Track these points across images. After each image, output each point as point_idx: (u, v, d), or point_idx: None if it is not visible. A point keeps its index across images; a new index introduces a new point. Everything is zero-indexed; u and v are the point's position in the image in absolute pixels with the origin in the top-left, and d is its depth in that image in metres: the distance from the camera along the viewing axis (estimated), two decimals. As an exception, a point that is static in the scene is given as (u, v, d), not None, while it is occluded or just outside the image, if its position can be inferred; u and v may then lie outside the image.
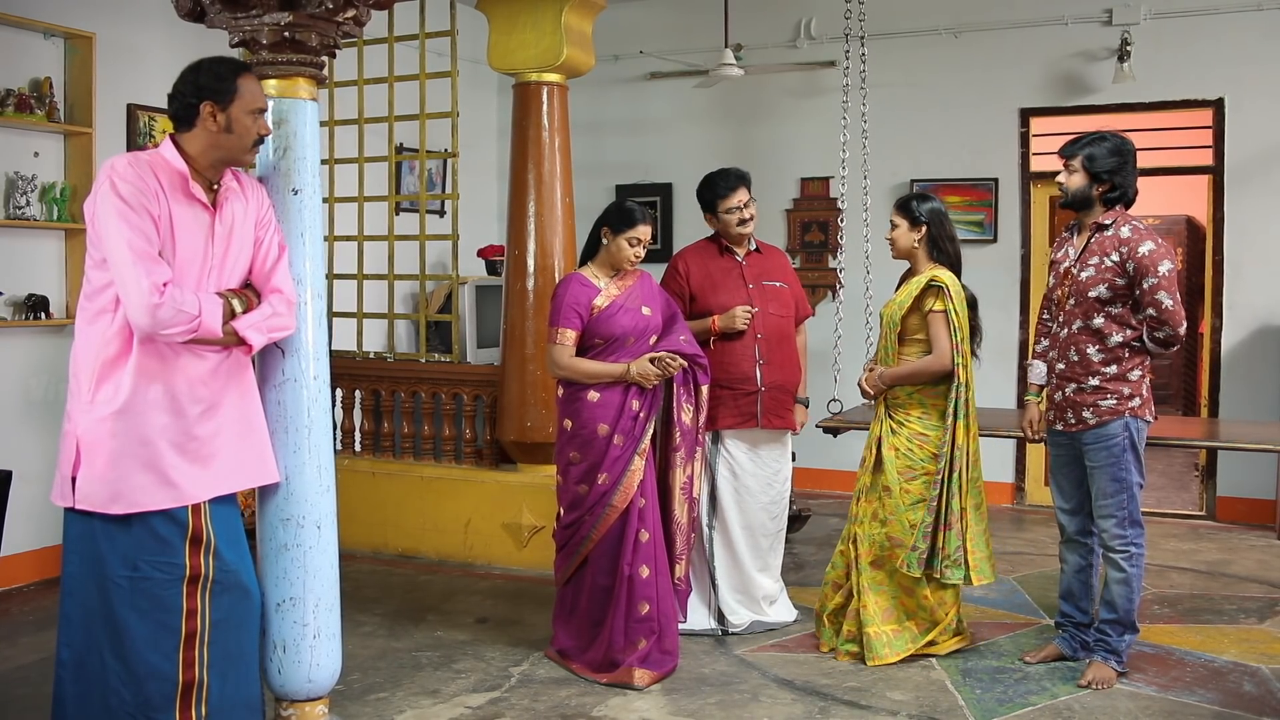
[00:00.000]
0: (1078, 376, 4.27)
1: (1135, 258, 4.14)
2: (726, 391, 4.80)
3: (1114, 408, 4.21)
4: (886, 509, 4.55)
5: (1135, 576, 4.26)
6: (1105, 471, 4.24)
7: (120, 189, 2.89)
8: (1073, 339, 4.29)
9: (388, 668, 4.50)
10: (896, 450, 4.57)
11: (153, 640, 2.97)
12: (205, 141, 3.05)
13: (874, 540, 4.58)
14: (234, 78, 3.06)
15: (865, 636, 4.50)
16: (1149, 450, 4.39)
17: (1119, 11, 7.12)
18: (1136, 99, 7.11)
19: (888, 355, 4.65)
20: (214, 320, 2.98)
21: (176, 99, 3.06)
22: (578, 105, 8.10)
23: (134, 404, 2.94)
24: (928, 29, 7.61)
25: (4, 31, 5.38)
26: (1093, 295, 4.22)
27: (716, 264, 4.95)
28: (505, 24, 5.82)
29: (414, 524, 6.24)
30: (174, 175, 3.02)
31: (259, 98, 3.12)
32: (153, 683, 2.97)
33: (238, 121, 3.06)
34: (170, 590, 2.99)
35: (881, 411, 4.66)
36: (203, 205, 3.07)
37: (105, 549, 2.95)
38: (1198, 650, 4.64)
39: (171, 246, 2.98)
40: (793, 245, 8.07)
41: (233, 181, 3.17)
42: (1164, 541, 6.55)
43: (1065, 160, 4.36)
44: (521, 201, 5.88)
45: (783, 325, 4.96)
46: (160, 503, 2.97)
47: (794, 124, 8.02)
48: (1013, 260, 7.53)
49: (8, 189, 5.42)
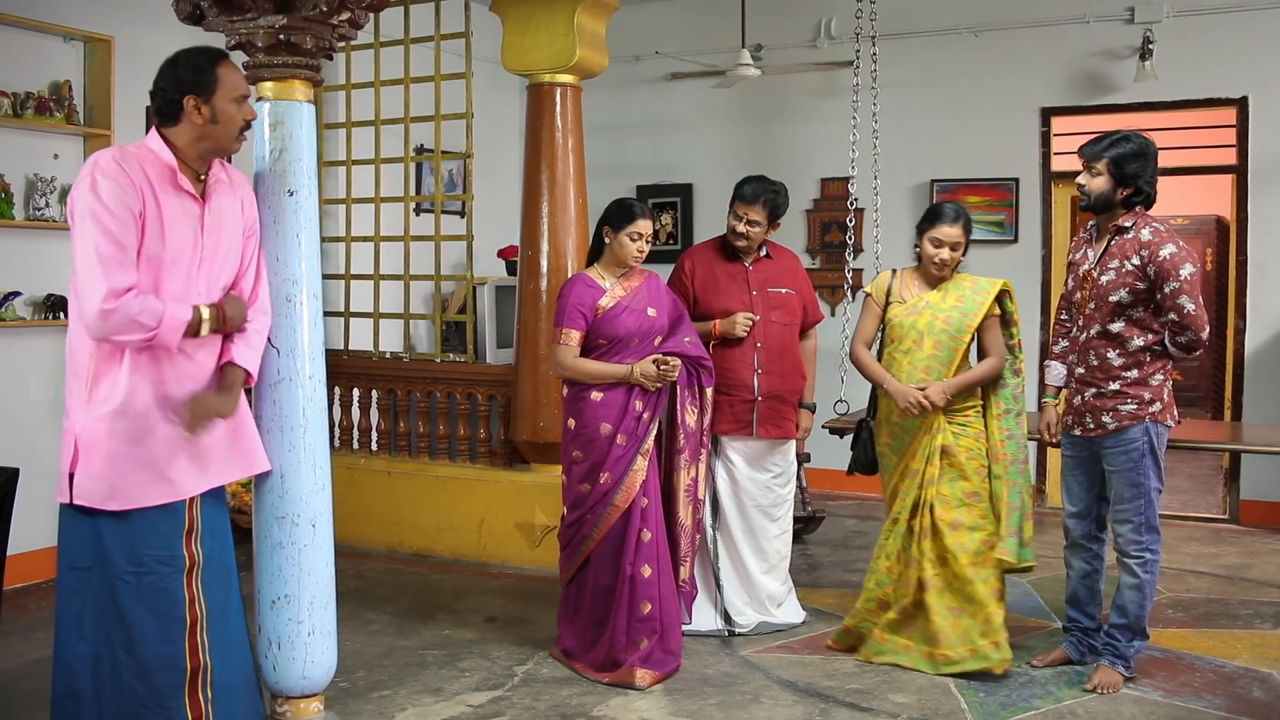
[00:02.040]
0: (1098, 381, 4.22)
1: (1156, 261, 4.07)
2: (724, 397, 4.77)
3: (1134, 413, 4.15)
4: (977, 513, 4.42)
5: (1149, 583, 4.21)
6: (1123, 476, 4.19)
7: (101, 188, 2.90)
8: (1092, 343, 4.24)
9: (393, 666, 4.53)
10: (970, 452, 4.46)
11: (162, 632, 3.02)
12: (193, 134, 3.07)
13: (965, 548, 4.38)
14: (213, 68, 3.07)
15: (987, 650, 4.31)
16: (1175, 453, 4.34)
17: (1141, 9, 7.04)
18: (1159, 98, 7.03)
19: (939, 366, 4.47)
20: (172, 334, 2.96)
21: (159, 95, 3.07)
22: (599, 106, 8.17)
23: (131, 402, 2.98)
24: (948, 28, 7.56)
25: (24, 35, 5.47)
26: (1113, 299, 4.16)
27: (722, 267, 4.92)
28: (519, 25, 5.84)
29: (429, 523, 6.28)
30: (162, 168, 3.03)
31: (241, 84, 3.13)
32: (163, 672, 3.02)
33: (222, 111, 3.08)
34: (175, 582, 3.04)
35: (939, 420, 4.46)
36: (192, 196, 3.08)
37: (109, 545, 2.99)
38: (1209, 655, 4.59)
39: (161, 239, 2.99)
40: (813, 245, 8.05)
41: (220, 172, 3.20)
42: (1184, 545, 6.48)
43: (1087, 162, 4.26)
44: (535, 202, 5.90)
45: (785, 334, 4.91)
46: (157, 499, 3.01)
47: (815, 124, 7.98)
48: (1033, 261, 7.47)
49: (28, 190, 5.50)
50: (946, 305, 4.51)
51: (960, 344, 4.46)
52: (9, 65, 5.42)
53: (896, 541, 4.54)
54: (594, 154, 8.37)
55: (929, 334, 4.50)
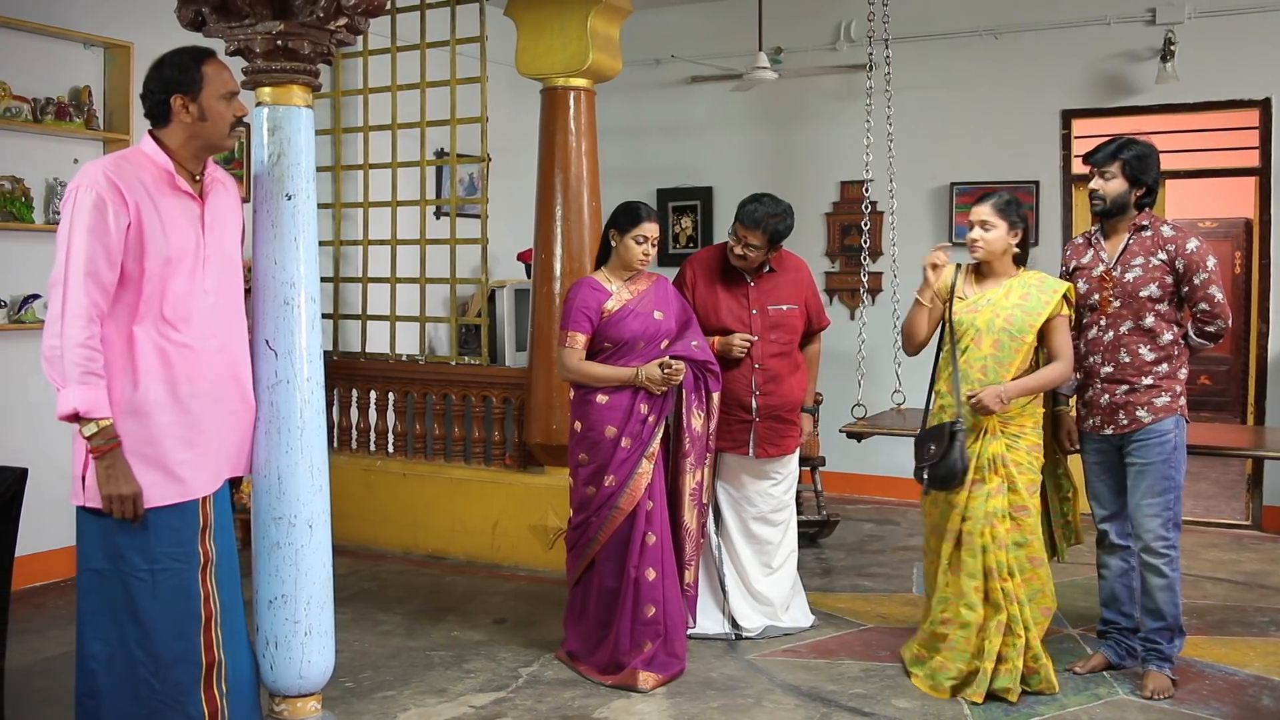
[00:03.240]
0: (1129, 377, 4.24)
1: (1184, 254, 4.20)
2: (722, 415, 4.70)
3: (1169, 405, 4.21)
4: (1025, 529, 4.21)
5: (1176, 580, 4.23)
6: (1156, 469, 4.20)
7: (102, 198, 2.93)
8: (1122, 340, 4.27)
9: (399, 666, 4.56)
10: (1020, 466, 4.23)
11: (178, 628, 3.05)
12: (184, 134, 3.10)
13: (1019, 566, 4.22)
14: (197, 66, 3.10)
15: (1044, 668, 4.18)
16: (1202, 458, 4.36)
17: (1163, 10, 6.98)
18: (1180, 100, 6.96)
19: (999, 368, 4.23)
20: (60, 406, 2.95)
21: (148, 97, 3.11)
22: (619, 109, 8.20)
23: (141, 404, 3.01)
24: (967, 30, 7.52)
25: (45, 42, 5.55)
26: (1144, 295, 4.22)
27: (723, 282, 4.83)
28: (532, 30, 5.86)
29: (443, 525, 6.31)
30: (159, 171, 3.07)
31: (228, 81, 3.15)
32: (180, 668, 3.05)
33: (210, 109, 3.10)
34: (190, 578, 3.08)
35: (994, 425, 4.22)
36: (190, 197, 3.12)
37: (124, 545, 3.02)
38: (1220, 663, 4.54)
39: (164, 241, 3.02)
40: (832, 249, 8.03)
41: (215, 171, 3.25)
42: (1205, 551, 6.41)
43: (1098, 169, 4.35)
44: (549, 206, 5.92)
45: (784, 352, 4.82)
46: (169, 498, 3.05)
47: (835, 127, 7.95)
48: (1054, 264, 7.25)
49: (47, 195, 5.59)
50: (1009, 302, 4.26)
51: (1022, 344, 4.20)
52: (31, 72, 5.51)
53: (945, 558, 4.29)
54: (614, 157, 8.42)
55: (988, 332, 4.25)
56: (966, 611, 4.18)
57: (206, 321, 3.14)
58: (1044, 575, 4.25)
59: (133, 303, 3.02)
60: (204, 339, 3.13)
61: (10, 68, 5.42)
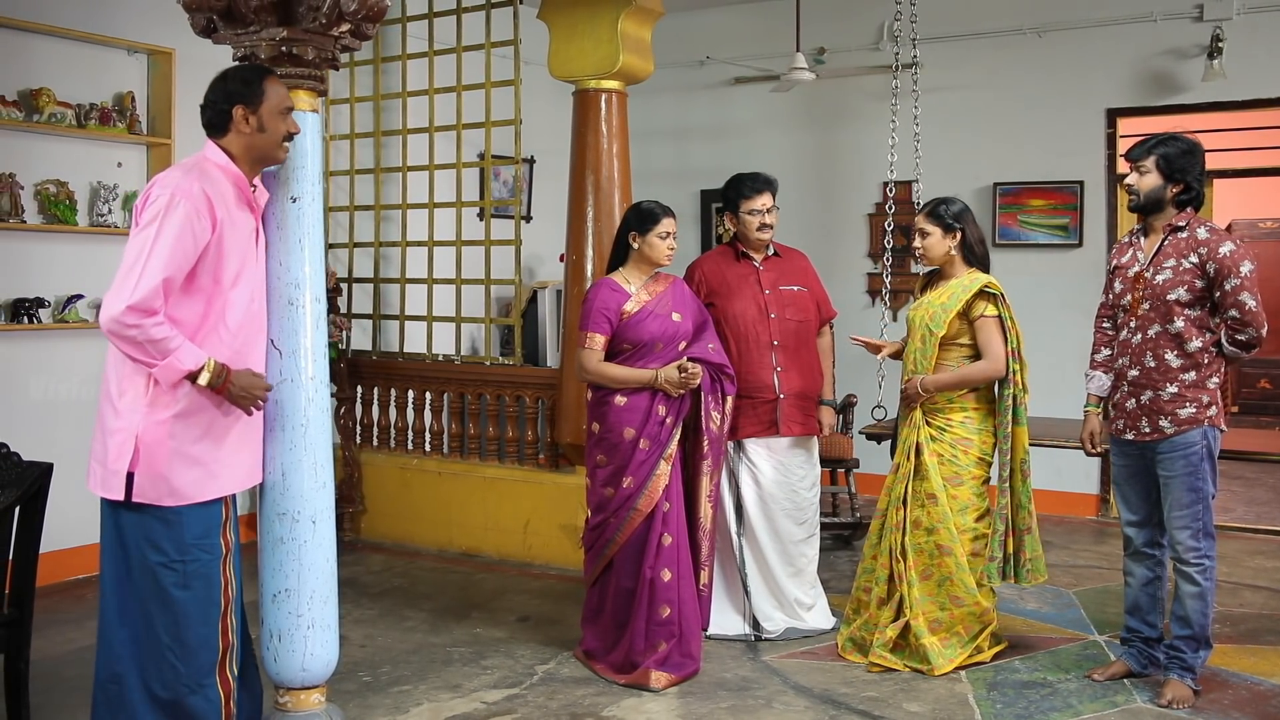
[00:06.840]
0: (1154, 384, 4.14)
1: (1216, 259, 4.03)
2: (746, 401, 4.78)
3: (1193, 416, 4.08)
4: (933, 516, 4.49)
5: (1209, 590, 4.14)
6: (1182, 481, 4.11)
7: (195, 212, 3.05)
8: (1148, 344, 4.16)
9: (419, 662, 4.62)
10: (940, 456, 4.53)
11: (203, 615, 3.19)
12: (242, 144, 3.26)
13: (921, 549, 4.52)
14: (260, 81, 3.26)
15: (920, 648, 4.45)
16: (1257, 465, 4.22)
17: (1210, 7, 6.84)
18: (1228, 97, 6.83)
19: (923, 360, 4.56)
20: (167, 375, 3.05)
21: (209, 107, 3.26)
22: (663, 110, 8.24)
23: (193, 407, 3.13)
24: (1011, 29, 7.42)
25: (90, 49, 5.71)
26: (1171, 298, 4.09)
27: (733, 269, 4.94)
28: (564, 32, 5.91)
29: (476, 523, 6.38)
30: (236, 179, 3.24)
31: (285, 98, 3.31)
32: (203, 653, 3.20)
33: (268, 121, 3.26)
34: (215, 569, 3.22)
35: (918, 417, 4.58)
36: (251, 210, 3.29)
37: (159, 537, 3.14)
38: (1246, 673, 4.45)
39: (237, 256, 3.18)
40: (874, 250, 7.98)
41: (259, 184, 3.39)
42: (1248, 559, 6.27)
43: (1135, 163, 4.25)
44: (580, 207, 5.96)
45: (801, 330, 4.92)
46: (208, 494, 3.19)
47: (877, 127, 7.87)
48: (1098, 265, 7.25)
49: (91, 198, 5.74)
50: (938, 302, 4.56)
51: (935, 338, 4.50)
52: (75, 78, 5.67)
53: (875, 535, 4.72)
54: (660, 159, 8.46)
55: (918, 328, 4.60)
56: (875, 586, 4.63)
57: (255, 329, 3.31)
58: (950, 565, 4.45)
59: (202, 312, 3.15)
60: (250, 344, 3.28)
61: (55, 74, 5.59)
